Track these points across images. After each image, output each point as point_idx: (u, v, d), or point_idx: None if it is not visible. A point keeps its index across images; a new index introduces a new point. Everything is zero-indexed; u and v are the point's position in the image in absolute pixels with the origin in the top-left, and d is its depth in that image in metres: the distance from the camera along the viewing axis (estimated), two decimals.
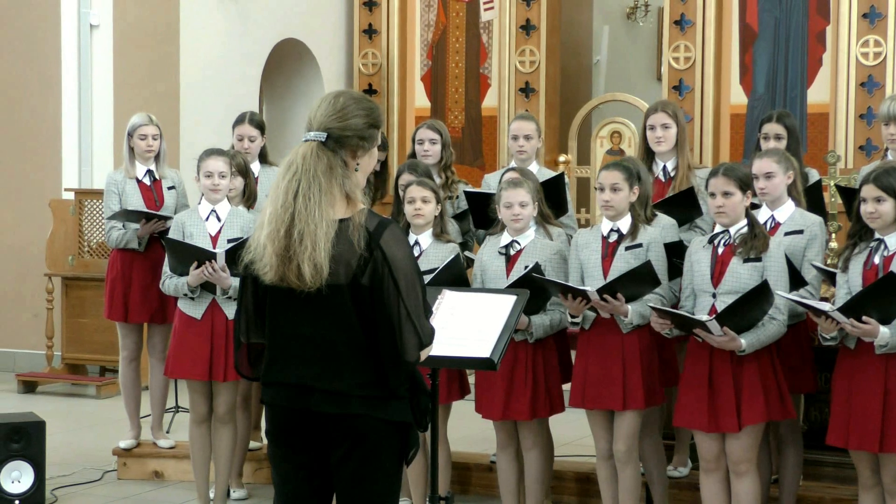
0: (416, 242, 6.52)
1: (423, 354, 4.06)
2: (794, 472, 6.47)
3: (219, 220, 6.93)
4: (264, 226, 3.99)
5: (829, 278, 6.19)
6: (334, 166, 3.99)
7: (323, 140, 4.01)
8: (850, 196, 6.84)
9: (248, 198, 7.22)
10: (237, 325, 4.23)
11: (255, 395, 7.75)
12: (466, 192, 7.41)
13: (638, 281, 5.99)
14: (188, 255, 6.77)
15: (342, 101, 4.08)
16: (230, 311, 6.83)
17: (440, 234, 6.58)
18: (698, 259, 5.92)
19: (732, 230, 5.86)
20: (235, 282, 6.74)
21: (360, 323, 4.00)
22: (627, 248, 6.14)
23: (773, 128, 7.11)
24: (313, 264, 3.91)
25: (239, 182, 7.16)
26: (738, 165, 6.02)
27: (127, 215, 7.69)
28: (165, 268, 6.95)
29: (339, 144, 4.03)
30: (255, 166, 7.87)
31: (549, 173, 7.57)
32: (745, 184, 5.86)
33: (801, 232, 6.18)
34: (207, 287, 6.83)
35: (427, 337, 4.05)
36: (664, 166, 7.01)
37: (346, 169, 4.03)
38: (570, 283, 6.13)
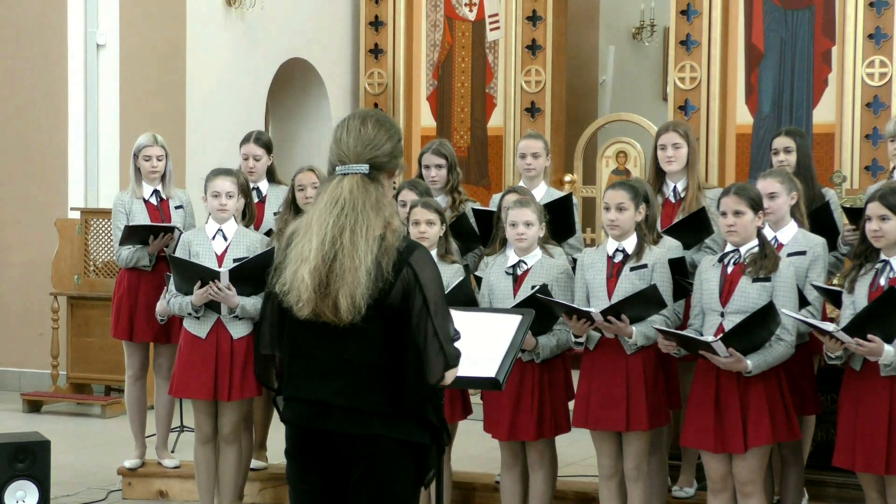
0: None
1: (448, 377, 4.05)
2: (796, 492, 6.45)
3: (225, 239, 6.94)
4: (309, 260, 3.94)
5: (832, 299, 6.18)
6: (380, 198, 4.00)
7: (366, 172, 4.01)
8: (857, 216, 6.83)
9: (249, 219, 7.22)
10: (260, 337, 4.22)
11: (261, 413, 7.74)
12: (474, 210, 7.40)
13: (643, 303, 5.98)
14: (192, 274, 6.78)
15: (371, 126, 4.07)
16: (235, 330, 6.84)
17: (445, 255, 6.58)
18: (708, 277, 5.92)
19: (743, 249, 5.86)
20: (242, 301, 6.76)
21: (384, 342, 4.01)
22: (632, 269, 6.13)
23: (782, 141, 7.08)
24: (352, 300, 3.90)
25: (240, 202, 7.16)
26: (749, 185, 6.01)
27: (131, 232, 7.68)
28: (171, 286, 6.96)
29: (379, 171, 4.04)
30: (264, 185, 7.89)
31: (556, 193, 7.56)
32: (757, 203, 5.85)
33: (803, 253, 6.17)
34: (212, 306, 6.83)
35: (453, 359, 4.04)
36: (674, 187, 6.99)
37: (386, 197, 4.04)
38: (574, 304, 6.12)
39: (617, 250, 6.19)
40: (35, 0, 11.18)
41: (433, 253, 6.55)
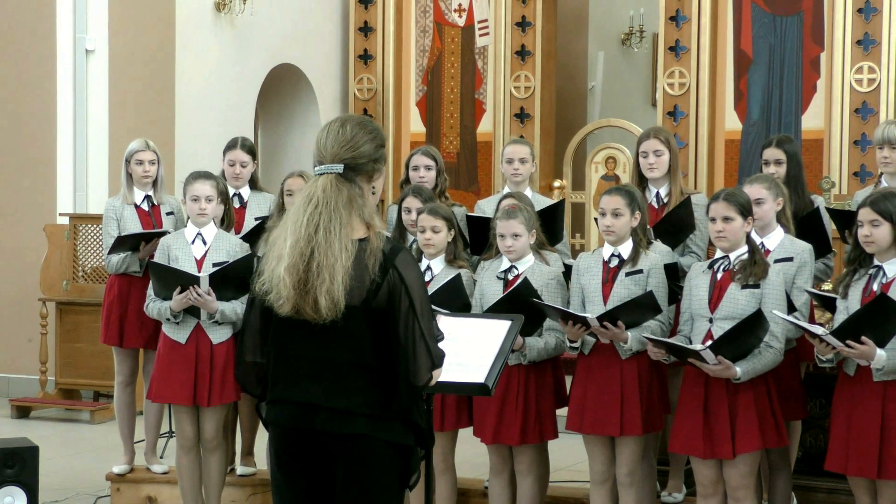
0: (429, 267, 6.52)
1: (434, 377, 4.10)
2: (784, 497, 6.46)
3: (205, 243, 6.93)
4: (283, 258, 4.00)
5: (825, 304, 6.19)
6: (354, 197, 4.06)
7: (340, 171, 4.07)
8: (843, 220, 6.84)
9: (228, 225, 7.21)
10: (241, 344, 4.25)
11: (248, 419, 7.72)
12: (467, 217, 7.40)
13: (639, 309, 5.98)
14: (172, 280, 6.76)
15: (350, 128, 4.14)
16: (215, 335, 6.83)
17: (453, 261, 6.57)
18: (697, 284, 5.92)
19: (732, 256, 5.86)
20: (222, 306, 6.75)
21: (371, 344, 4.05)
22: (628, 274, 6.13)
23: (772, 153, 7.08)
24: (330, 297, 3.96)
25: (220, 208, 7.14)
26: (739, 191, 6.01)
27: (122, 242, 7.67)
28: (150, 291, 6.94)
29: (356, 172, 4.11)
30: (245, 191, 7.86)
31: (543, 199, 7.56)
32: (746, 209, 5.86)
33: (790, 259, 6.17)
34: (192, 311, 6.82)
35: (438, 359, 4.10)
36: (657, 192, 7.00)
37: (363, 198, 4.09)
38: (570, 310, 6.13)
39: (613, 255, 6.20)
40: (24, 5, 11.17)
41: (441, 258, 6.56)
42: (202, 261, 6.89)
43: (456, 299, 6.24)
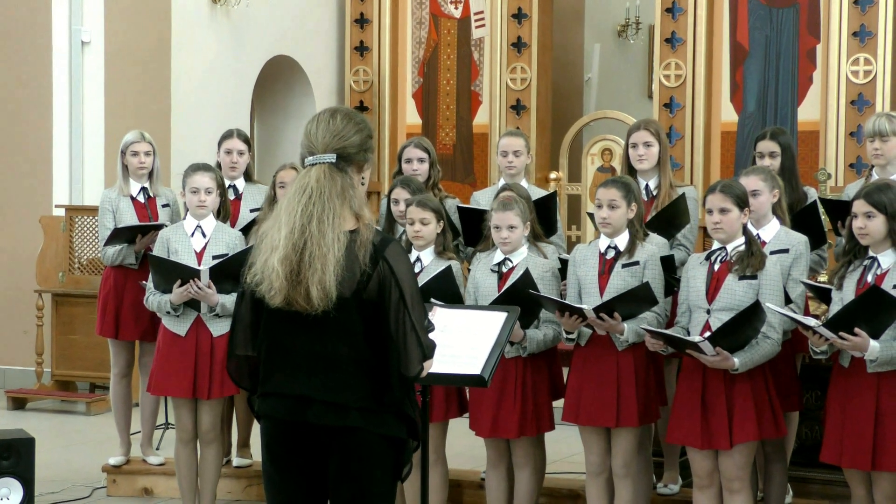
0: (418, 259, 6.52)
1: (425, 368, 4.09)
2: (780, 489, 6.46)
3: (204, 235, 6.91)
4: (278, 248, 4.00)
5: (819, 296, 6.19)
6: (346, 187, 4.07)
7: (333, 161, 4.06)
8: (837, 210, 6.85)
9: (224, 217, 7.20)
10: (232, 337, 4.24)
11: (244, 411, 7.72)
12: (459, 208, 7.40)
13: (635, 300, 5.99)
14: (172, 273, 6.75)
15: (339, 119, 4.15)
16: (215, 328, 6.82)
17: (442, 252, 6.57)
18: (694, 275, 5.93)
19: (729, 247, 5.87)
20: (222, 298, 6.74)
21: (364, 337, 4.05)
22: (624, 266, 6.14)
23: (767, 145, 7.08)
24: (322, 288, 3.95)
25: (217, 200, 7.12)
26: (735, 182, 6.00)
27: (118, 234, 7.68)
28: (149, 284, 6.93)
29: (347, 162, 4.11)
30: (240, 183, 7.86)
31: (538, 191, 7.56)
32: (743, 200, 5.85)
33: (786, 251, 6.18)
34: (192, 304, 6.81)
35: (429, 350, 4.10)
36: (647, 185, 6.99)
37: (354, 189, 4.10)
38: (566, 301, 6.13)
39: (609, 247, 6.20)
40: None
41: (430, 249, 6.56)
42: (202, 253, 6.88)
43: (447, 291, 6.24)
